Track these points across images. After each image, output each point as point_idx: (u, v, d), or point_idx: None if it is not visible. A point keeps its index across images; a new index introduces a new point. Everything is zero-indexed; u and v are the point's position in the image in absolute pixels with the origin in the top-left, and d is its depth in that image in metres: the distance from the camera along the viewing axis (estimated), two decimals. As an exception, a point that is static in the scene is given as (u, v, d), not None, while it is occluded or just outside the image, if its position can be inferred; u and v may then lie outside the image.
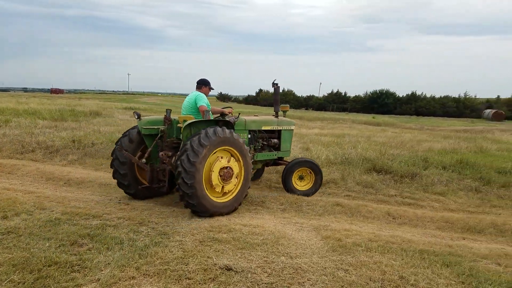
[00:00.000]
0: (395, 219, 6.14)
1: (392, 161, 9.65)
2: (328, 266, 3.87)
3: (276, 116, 7.49)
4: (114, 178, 6.22)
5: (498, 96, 64.81)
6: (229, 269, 3.65)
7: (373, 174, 8.85)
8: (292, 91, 76.78)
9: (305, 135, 15.59)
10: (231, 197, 5.70)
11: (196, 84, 6.48)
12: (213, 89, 6.65)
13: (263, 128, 7.13)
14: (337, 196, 7.49)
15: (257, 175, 8.40)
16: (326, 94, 73.70)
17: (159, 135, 6.03)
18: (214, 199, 5.46)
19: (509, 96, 62.64)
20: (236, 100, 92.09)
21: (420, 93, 63.98)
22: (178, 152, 5.30)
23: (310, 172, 7.27)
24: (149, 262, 3.76)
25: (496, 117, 51.14)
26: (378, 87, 66.57)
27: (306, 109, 68.21)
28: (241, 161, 5.74)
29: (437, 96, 63.14)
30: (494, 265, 4.13)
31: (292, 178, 7.20)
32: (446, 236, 5.38)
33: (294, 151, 10.35)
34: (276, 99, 7.42)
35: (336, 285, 3.49)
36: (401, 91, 73.84)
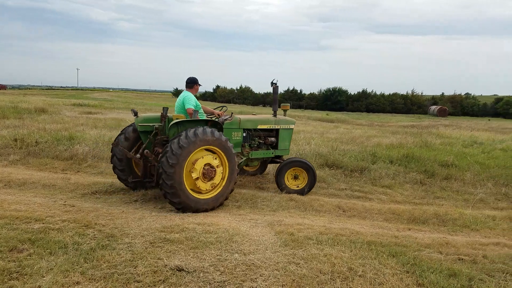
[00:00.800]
0: (345, 212, 6.34)
1: (343, 156, 9.98)
2: (281, 260, 3.91)
3: (274, 115, 7.60)
4: (114, 173, 6.74)
5: (443, 93, 69.06)
6: (180, 269, 3.57)
7: (325, 169, 9.10)
8: (249, 87, 76.94)
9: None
10: (215, 193, 5.90)
11: (185, 83, 6.59)
12: (200, 85, 6.73)
13: (259, 127, 7.30)
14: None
15: (260, 170, 8.62)
16: (282, 92, 74.61)
17: (153, 132, 6.25)
18: (197, 196, 5.70)
19: (452, 93, 67.03)
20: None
21: (370, 91, 66.71)
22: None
23: (303, 171, 7.27)
24: (95, 266, 3.60)
25: (441, 113, 54.57)
26: (331, 85, 68.43)
27: (264, 105, 68.75)
28: (225, 159, 5.91)
29: (387, 93, 66.19)
30: (436, 254, 4.38)
31: (285, 177, 7.23)
32: (393, 227, 5.64)
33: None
34: (275, 98, 7.49)
35: (287, 279, 3.53)
36: (353, 89, 76.69)
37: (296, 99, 70.01)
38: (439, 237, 5.14)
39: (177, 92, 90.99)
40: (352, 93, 67.14)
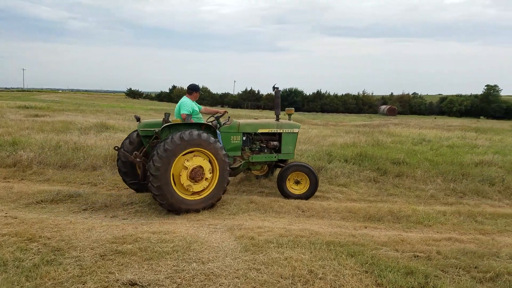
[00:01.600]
0: (304, 212, 6.35)
1: (301, 156, 10.05)
2: (241, 267, 3.80)
3: (277, 119, 7.60)
4: (120, 175, 6.97)
5: (392, 93, 72.52)
6: (133, 284, 3.35)
7: (284, 169, 9.10)
8: (207, 88, 76.07)
9: (219, 133, 15.51)
10: (205, 194, 6.07)
11: (187, 89, 6.93)
12: (202, 93, 6.77)
13: (260, 131, 7.35)
14: (251, 193, 7.52)
15: (266, 174, 8.55)
16: (240, 92, 74.66)
17: (153, 136, 6.41)
18: (187, 197, 5.90)
19: (401, 93, 70.54)
20: (148, 97, 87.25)
21: (324, 92, 68.63)
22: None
23: (305, 175, 7.16)
24: (39, 284, 3.29)
25: (391, 112, 57.22)
26: (288, 86, 69.50)
27: (222, 106, 68.34)
28: (214, 160, 6.05)
29: (339, 94, 68.43)
30: (393, 252, 4.47)
31: (287, 183, 7.14)
32: (350, 226, 5.72)
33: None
34: (277, 102, 7.51)
35: (248, 286, 3.43)
36: (308, 90, 78.35)
37: (254, 100, 70.33)
38: (395, 234, 5.26)
39: (130, 92, 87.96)
40: (308, 94, 68.74)
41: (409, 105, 65.82)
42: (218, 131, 6.70)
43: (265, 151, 7.51)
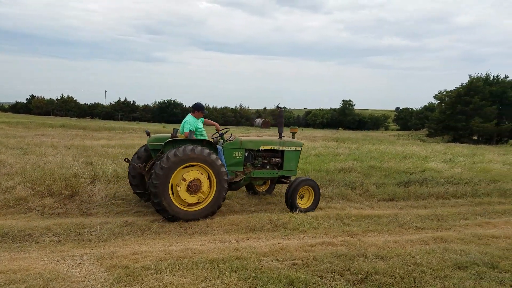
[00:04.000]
0: (186, 230, 6.05)
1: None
2: (113, 303, 3.32)
3: (280, 137, 7.91)
4: (131, 188, 7.44)
5: (265, 107, 77.49)
6: None
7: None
8: (73, 98, 68.73)
9: (90, 147, 13.97)
10: (204, 205, 6.46)
11: (192, 107, 7.38)
12: (206, 112, 7.52)
13: (262, 147, 7.62)
14: (127, 214, 6.87)
15: (268, 190, 8.76)
16: (113, 102, 69.80)
17: (161, 150, 6.67)
18: (186, 209, 6.31)
19: (273, 107, 75.81)
20: (0, 108, 73.85)
21: (204, 104, 69.18)
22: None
23: (310, 189, 7.48)
24: None
25: (265, 125, 60.27)
26: (166, 98, 68.15)
27: (92, 118, 62.68)
28: (211, 172, 6.41)
29: (218, 107, 70.14)
30: (274, 262, 4.52)
31: (297, 197, 7.35)
32: (233, 240, 5.64)
33: (75, 166, 9.05)
34: (280, 121, 7.88)
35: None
36: (188, 102, 78.31)
37: (129, 111, 66.58)
38: (274, 243, 5.38)
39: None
40: (188, 106, 68.40)
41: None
42: (220, 147, 7.12)
43: (267, 167, 7.73)
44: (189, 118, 7.19)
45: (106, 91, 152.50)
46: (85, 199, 7.45)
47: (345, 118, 75.25)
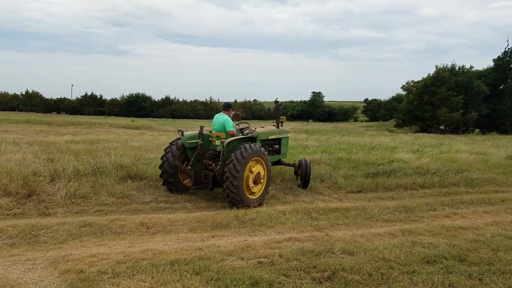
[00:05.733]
0: (149, 229, 5.81)
1: (148, 165, 9.40)
2: (62, 313, 3.09)
3: (277, 127, 9.06)
4: (164, 185, 8.01)
5: (236, 100, 77.01)
6: None
7: (128, 182, 8.28)
8: (38, 93, 65.57)
9: (53, 143, 13.37)
10: (259, 194, 7.50)
11: (222, 106, 8.19)
12: (233, 108, 8.32)
13: (270, 137, 8.76)
14: (87, 214, 6.55)
15: None
16: (80, 97, 67.27)
17: (198, 147, 7.74)
18: (249, 196, 7.27)
19: (243, 100, 75.72)
20: None
21: (173, 98, 68.22)
22: (221, 162, 7.27)
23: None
24: None
25: (236, 117, 59.93)
26: (134, 91, 66.25)
27: (58, 113, 60.23)
28: (265, 167, 7.58)
29: (188, 100, 69.10)
30: (238, 261, 4.38)
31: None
32: (198, 238, 5.45)
33: (35, 163, 8.61)
34: (278, 114, 8.96)
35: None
36: (157, 95, 76.50)
37: (96, 105, 64.46)
38: (240, 240, 5.24)
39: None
40: (156, 100, 67.13)
41: (251, 111, 71.10)
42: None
43: (272, 153, 8.86)
44: (227, 117, 7.93)
45: (72, 85, 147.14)
46: (43, 198, 7.06)
47: (315, 110, 75.89)
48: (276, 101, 9.06)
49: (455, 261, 4.72)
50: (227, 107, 8.13)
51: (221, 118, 7.95)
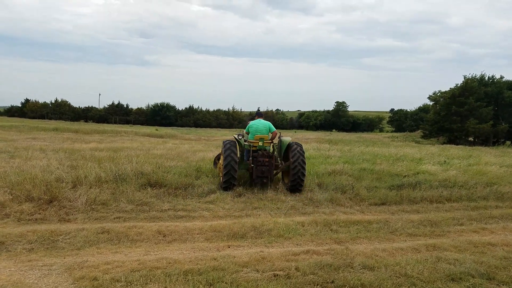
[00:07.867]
0: (166, 237, 5.78)
1: (168, 173, 9.44)
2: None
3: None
4: (226, 182, 8.68)
5: (258, 109, 77.35)
6: None
7: (147, 189, 8.34)
8: (67, 101, 68.16)
9: (78, 150, 13.72)
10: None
11: (257, 114, 9.85)
12: (262, 116, 9.95)
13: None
14: (105, 220, 6.59)
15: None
16: (107, 106, 69.34)
17: (250, 149, 9.09)
18: None
19: (266, 109, 75.96)
20: None
21: (197, 107, 69.48)
22: (292, 159, 8.85)
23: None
24: None
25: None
26: (159, 100, 67.87)
27: (86, 121, 62.24)
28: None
29: (211, 109, 70.17)
30: (253, 273, 4.25)
31: None
32: (213, 248, 5.36)
33: (59, 170, 8.84)
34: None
35: None
36: (181, 105, 78.23)
37: (122, 114, 66.21)
38: (256, 252, 5.10)
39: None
40: (180, 109, 68.45)
41: (273, 121, 71.15)
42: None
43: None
44: (267, 122, 9.44)
45: (100, 94, 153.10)
46: (64, 204, 7.17)
47: (338, 120, 75.06)
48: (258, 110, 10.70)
49: (482, 279, 4.42)
50: (260, 115, 9.81)
51: (264, 122, 9.45)
